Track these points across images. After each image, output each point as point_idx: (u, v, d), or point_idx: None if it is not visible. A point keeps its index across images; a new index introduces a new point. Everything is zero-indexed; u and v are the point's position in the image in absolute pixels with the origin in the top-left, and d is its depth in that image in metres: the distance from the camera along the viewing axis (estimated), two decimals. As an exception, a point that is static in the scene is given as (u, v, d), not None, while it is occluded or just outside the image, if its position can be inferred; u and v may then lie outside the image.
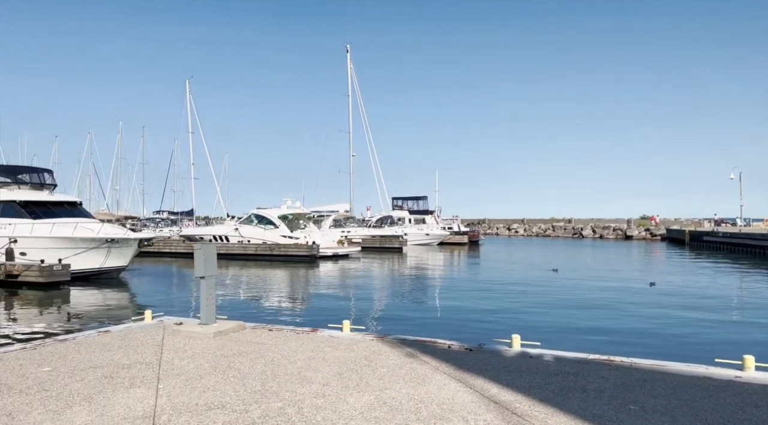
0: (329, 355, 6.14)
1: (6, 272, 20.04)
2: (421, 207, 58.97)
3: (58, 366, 5.65)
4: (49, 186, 26.03)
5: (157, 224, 56.59)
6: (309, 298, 18.04)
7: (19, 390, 4.85)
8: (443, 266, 31.25)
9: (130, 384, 5.01)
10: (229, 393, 4.77)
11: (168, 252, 37.22)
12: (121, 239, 22.20)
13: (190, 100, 45.50)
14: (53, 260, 20.68)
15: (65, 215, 23.23)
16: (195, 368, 5.59)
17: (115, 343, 6.76)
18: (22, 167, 27.46)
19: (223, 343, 6.76)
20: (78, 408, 4.37)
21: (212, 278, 7.55)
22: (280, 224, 36.17)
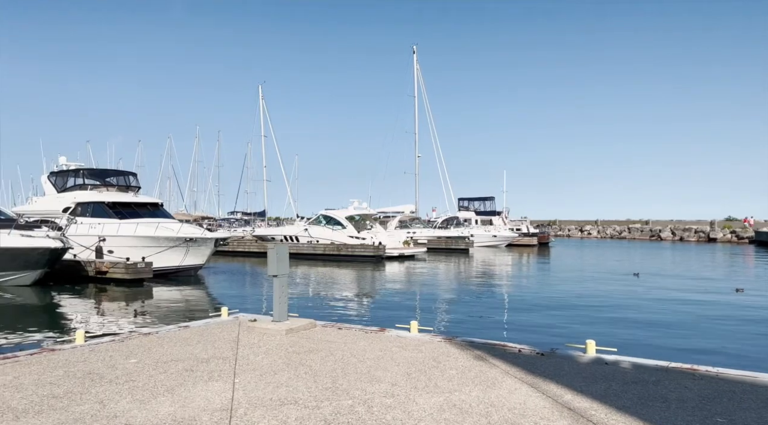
0: (398, 355, 6.17)
1: (96, 269, 21.49)
2: (488, 208, 58.06)
3: (144, 359, 5.99)
4: (134, 188, 27.70)
5: (231, 224, 58.87)
6: (375, 298, 18.18)
7: (109, 379, 5.18)
8: (511, 268, 30.62)
9: (208, 378, 5.24)
10: (301, 389, 4.89)
11: (241, 251, 38.67)
12: (199, 239, 23.27)
13: (263, 105, 47.03)
14: (137, 258, 21.99)
15: (148, 215, 24.63)
16: (269, 364, 5.77)
17: (194, 338, 7.09)
18: (110, 170, 29.37)
19: (294, 340, 6.94)
20: (162, 398, 4.62)
21: (284, 277, 7.77)
22: (347, 224, 36.71)
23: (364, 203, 39.80)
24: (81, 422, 4.04)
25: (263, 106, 47.03)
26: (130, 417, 4.16)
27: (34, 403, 4.46)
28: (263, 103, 47.08)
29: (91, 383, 5.05)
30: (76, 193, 26.25)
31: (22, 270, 19.30)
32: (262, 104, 47.00)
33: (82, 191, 26.40)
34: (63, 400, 4.55)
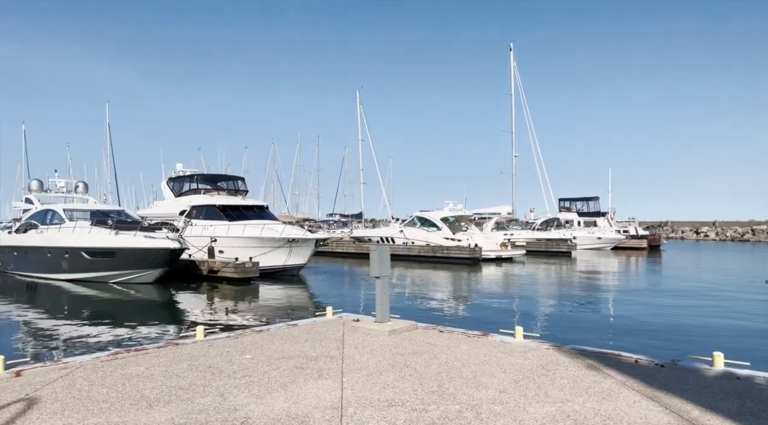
0: (503, 361, 6.02)
1: (209, 268, 23.00)
2: (592, 209, 55.31)
3: (257, 355, 6.30)
4: (242, 192, 29.39)
5: (330, 225, 60.76)
6: (473, 301, 17.93)
7: (227, 374, 5.50)
8: (619, 273, 28.97)
9: (318, 376, 5.40)
10: (408, 391, 4.90)
11: (340, 252, 39.75)
12: (301, 240, 24.20)
13: (360, 109, 48.09)
14: (245, 258, 23.27)
15: (255, 217, 25.99)
16: (374, 364, 5.84)
17: (302, 336, 7.36)
18: (220, 175, 31.35)
19: (397, 342, 6.99)
20: (276, 394, 4.82)
21: (386, 279, 7.85)
22: (442, 226, 36.55)
23: (459, 205, 39.45)
24: (205, 413, 4.31)
25: (360, 110, 48.10)
26: (248, 410, 4.37)
27: (164, 393, 4.83)
28: (360, 108, 48.16)
29: (212, 376, 5.38)
30: (191, 197, 28.29)
31: (146, 269, 21.07)
32: (360, 109, 48.09)
33: (196, 195, 28.42)
34: (188, 391, 4.88)
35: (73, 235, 22.37)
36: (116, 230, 21.56)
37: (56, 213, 24.90)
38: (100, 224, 22.61)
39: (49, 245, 23.28)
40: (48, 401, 4.59)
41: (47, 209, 25.88)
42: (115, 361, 6.02)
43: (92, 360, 6.03)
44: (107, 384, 5.10)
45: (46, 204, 27.48)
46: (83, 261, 21.70)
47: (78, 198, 30.41)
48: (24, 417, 4.19)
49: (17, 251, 25.71)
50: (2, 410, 4.36)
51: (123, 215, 26.19)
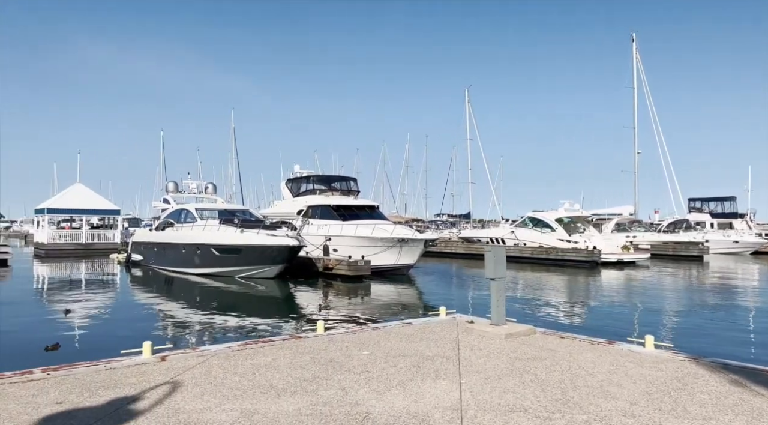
0: (633, 371, 5.63)
1: (324, 266, 23.93)
2: (727, 209, 50.27)
3: (375, 351, 6.42)
4: (354, 192, 30.26)
5: (437, 226, 60.75)
6: (593, 306, 17.00)
7: (347, 368, 5.66)
8: (761, 280, 26.05)
9: (435, 376, 5.39)
10: (529, 397, 4.73)
11: (448, 252, 39.58)
12: (411, 240, 24.41)
13: (469, 108, 47.55)
14: (357, 256, 23.91)
15: (366, 217, 26.64)
16: (492, 367, 5.72)
17: (417, 335, 7.40)
18: (334, 176, 32.53)
19: (515, 346, 6.79)
20: (395, 391, 4.88)
21: (502, 280, 7.67)
22: (557, 227, 35.09)
23: (576, 205, 37.63)
24: (329, 406, 4.46)
25: (469, 109, 47.57)
26: (369, 406, 4.47)
27: (290, 384, 5.07)
28: (469, 107, 47.63)
29: (333, 370, 5.57)
30: (307, 197, 29.63)
31: (268, 265, 22.37)
32: (468, 108, 47.57)
33: (312, 195, 29.71)
34: (312, 384, 5.09)
35: (204, 232, 24.32)
36: (242, 228, 23.14)
37: (189, 212, 27.22)
38: (228, 222, 24.39)
39: (184, 242, 25.51)
40: (189, 385, 5.00)
41: (182, 209, 28.38)
42: (244, 351, 6.43)
43: (225, 349, 6.49)
44: (239, 373, 5.46)
45: (180, 204, 30.14)
46: (213, 257, 23.51)
47: (207, 198, 33.03)
48: (171, 398, 4.60)
49: (156, 247, 28.45)
50: (153, 390, 4.82)
51: (247, 214, 28.05)
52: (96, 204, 44.11)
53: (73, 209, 43.08)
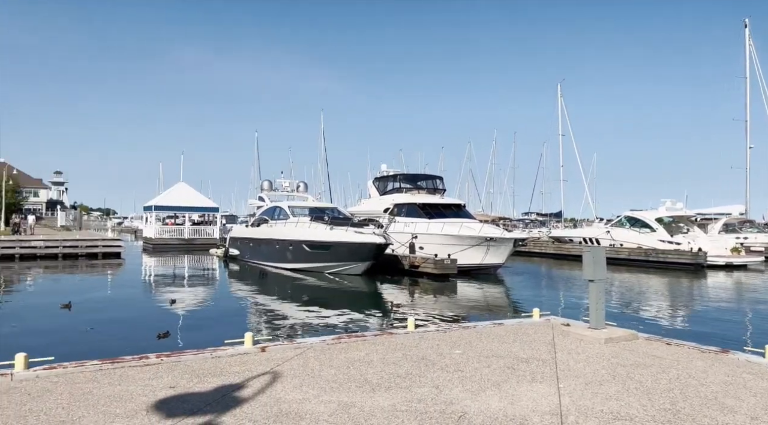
0: (752, 383, 5.17)
1: (410, 263, 24.03)
2: None
3: (467, 351, 6.35)
4: (441, 191, 30.13)
5: (526, 225, 59.13)
6: (700, 312, 15.83)
7: (440, 366, 5.64)
8: None
9: (531, 379, 5.24)
10: (635, 405, 4.48)
11: (537, 252, 38.41)
12: (499, 239, 23.92)
13: (562, 103, 45.78)
14: (443, 254, 23.79)
15: (452, 215, 26.45)
16: (592, 372, 5.48)
17: (509, 336, 7.23)
18: (420, 174, 32.57)
19: (616, 351, 6.46)
20: (490, 392, 4.79)
21: (602, 282, 7.32)
22: (657, 227, 33.01)
23: (678, 203, 35.18)
24: (423, 403, 4.46)
25: (561, 104, 45.80)
26: (464, 405, 4.42)
27: (384, 379, 5.13)
28: (561, 102, 45.85)
29: (425, 368, 5.57)
30: (394, 195, 29.87)
31: (356, 261, 22.80)
32: (561, 102, 45.81)
33: (398, 193, 29.92)
34: (405, 380, 5.11)
35: (296, 229, 25.21)
36: (331, 225, 23.75)
37: (282, 210, 28.33)
38: (318, 220, 25.12)
39: (277, 238, 26.58)
40: (288, 376, 5.19)
41: (275, 206, 29.59)
42: (338, 345, 6.58)
43: (320, 342, 6.68)
44: (334, 366, 5.59)
45: (274, 202, 31.42)
46: (304, 253, 24.32)
47: (299, 196, 34.21)
48: (272, 388, 4.79)
49: (252, 243, 29.85)
50: (255, 379, 5.06)
51: (336, 212, 28.75)
52: (197, 202, 47.08)
53: (176, 206, 46.22)
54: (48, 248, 29.40)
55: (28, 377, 4.98)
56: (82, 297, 15.82)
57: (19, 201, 69.11)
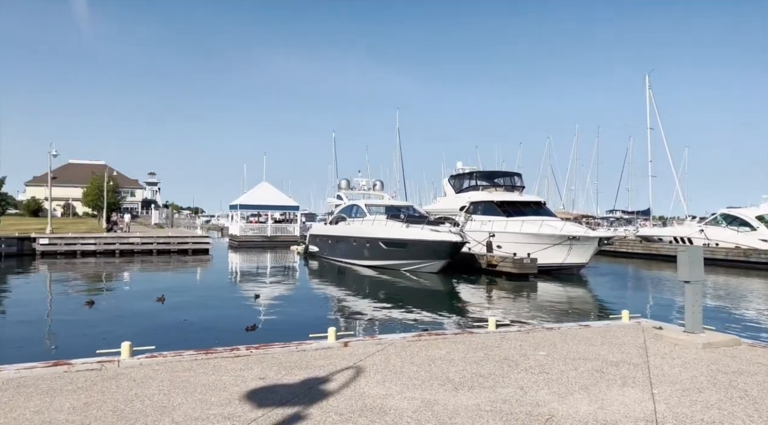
0: None
1: (487, 262, 23.64)
2: None
3: (551, 352, 6.16)
4: (519, 188, 29.41)
5: (611, 223, 56.52)
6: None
7: (524, 367, 5.51)
8: None
9: (622, 383, 5.01)
10: (739, 415, 4.17)
11: (624, 252, 36.62)
12: (582, 237, 23.02)
13: (650, 95, 43.25)
14: (522, 253, 23.22)
15: (532, 213, 25.74)
16: (689, 379, 5.15)
17: (596, 339, 6.95)
18: (497, 171, 31.96)
19: (715, 357, 6.04)
20: (578, 395, 4.62)
21: (698, 284, 6.87)
22: (758, 225, 30.52)
23: (782, 200, 32.36)
24: (508, 404, 4.38)
25: (650, 96, 43.26)
26: (551, 408, 4.29)
27: (466, 378, 5.08)
28: (650, 94, 43.31)
29: (508, 368, 5.46)
30: (470, 193, 29.50)
31: (432, 259, 22.75)
32: (649, 94, 43.27)
33: (475, 191, 29.51)
34: (489, 380, 5.04)
35: (373, 227, 25.51)
36: (407, 223, 23.83)
37: (360, 208, 28.76)
38: (394, 218, 25.28)
39: (354, 235, 27.02)
40: (371, 371, 5.26)
41: (353, 204, 30.08)
42: (419, 342, 6.59)
43: (400, 339, 6.72)
44: (416, 363, 5.61)
45: (351, 200, 31.95)
46: (380, 250, 24.56)
47: (375, 195, 34.58)
48: (356, 382, 4.88)
49: (330, 240, 30.54)
50: (339, 373, 5.17)
51: (411, 210, 28.81)
52: (279, 201, 48.79)
53: (259, 205, 48.13)
54: (144, 244, 31.52)
55: (133, 364, 5.37)
56: (174, 291, 16.83)
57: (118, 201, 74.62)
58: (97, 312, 13.41)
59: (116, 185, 75.27)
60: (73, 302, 14.89)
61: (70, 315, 12.99)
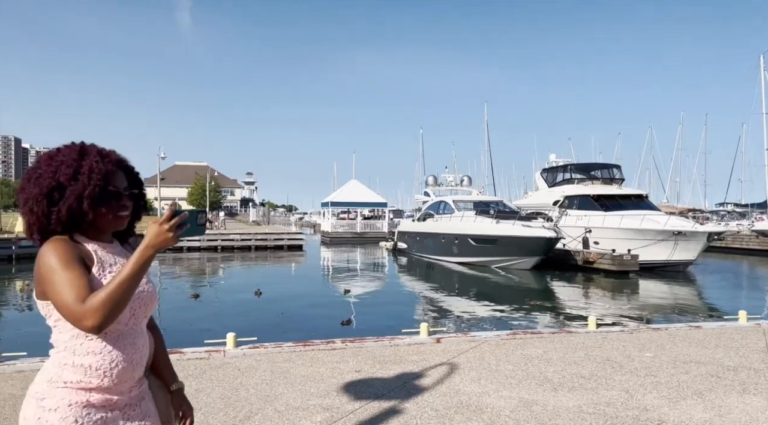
0: None
1: (584, 259, 22.66)
2: None
3: (659, 354, 5.78)
4: (618, 180, 27.90)
5: (721, 217, 52.24)
6: None
7: (628, 369, 5.21)
8: None
9: (742, 390, 4.59)
10: None
11: (737, 248, 33.77)
12: (689, 232, 21.45)
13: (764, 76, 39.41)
14: (622, 250, 22.00)
15: (632, 207, 24.30)
16: (823, 389, 4.63)
17: (709, 341, 6.43)
18: (594, 164, 30.49)
19: None
20: (691, 401, 4.30)
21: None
22: None
23: None
24: (612, 407, 4.16)
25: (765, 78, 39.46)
26: (661, 413, 4.02)
27: (566, 379, 4.88)
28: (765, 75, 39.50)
29: (612, 370, 5.18)
30: (564, 187, 28.39)
31: (524, 256, 22.14)
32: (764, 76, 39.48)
33: (569, 185, 28.36)
34: (590, 381, 4.81)
35: (461, 223, 25.26)
36: (497, 219, 23.36)
37: (447, 204, 28.58)
38: (483, 213, 24.88)
39: (442, 232, 26.90)
40: (465, 368, 5.20)
41: (440, 201, 29.96)
42: (513, 340, 6.43)
43: (494, 337, 6.59)
44: (511, 361, 5.47)
45: (439, 196, 31.84)
46: (469, 247, 24.27)
47: (462, 190, 34.23)
48: (450, 379, 4.84)
49: (418, 236, 30.60)
50: (433, 369, 5.16)
51: (501, 206, 28.22)
52: (368, 198, 49.63)
53: (350, 202, 49.23)
54: (243, 241, 33.26)
55: (237, 354, 5.66)
56: (271, 285, 17.61)
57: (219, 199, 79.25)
58: (201, 304, 14.32)
59: (217, 184, 79.92)
60: (181, 295, 16.01)
61: (178, 306, 13.98)
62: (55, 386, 1.43)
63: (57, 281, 1.34)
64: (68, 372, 1.44)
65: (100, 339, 1.45)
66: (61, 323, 1.43)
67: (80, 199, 1.44)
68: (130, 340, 1.51)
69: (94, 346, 1.44)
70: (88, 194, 1.44)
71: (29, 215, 1.47)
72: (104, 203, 1.48)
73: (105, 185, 1.48)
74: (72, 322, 1.34)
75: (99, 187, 1.46)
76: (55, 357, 1.47)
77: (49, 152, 1.53)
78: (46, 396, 1.43)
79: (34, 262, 1.41)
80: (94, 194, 1.45)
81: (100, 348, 1.45)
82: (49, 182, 1.44)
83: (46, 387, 1.44)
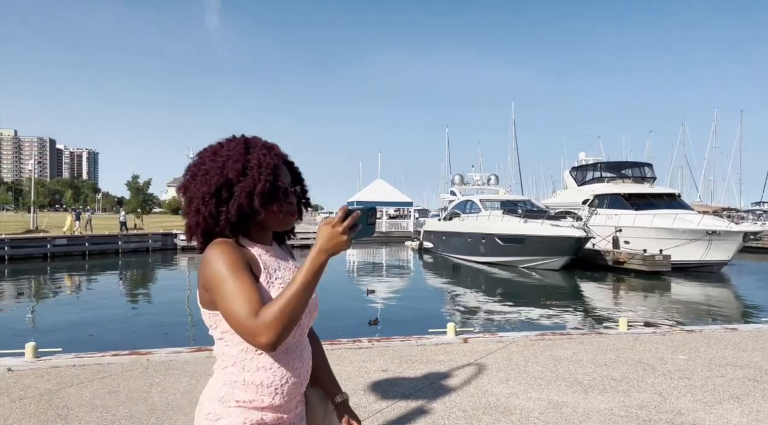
0: None
1: (614, 259, 22.26)
2: None
3: (693, 357, 5.64)
4: (649, 179, 27.33)
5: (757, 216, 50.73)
6: None
7: (661, 372, 5.08)
8: None
9: (782, 395, 4.45)
10: None
11: (775, 248, 32.73)
12: (724, 232, 20.88)
13: (802, 69, 38.05)
14: (654, 249, 21.54)
15: (664, 206, 23.79)
16: None
17: (746, 344, 6.25)
18: (624, 162, 29.94)
19: None
20: (728, 405, 4.18)
21: None
22: None
23: None
24: (645, 410, 4.06)
25: (804, 71, 38.07)
26: (696, 417, 3.92)
27: (596, 381, 4.79)
28: (804, 68, 38.13)
29: (644, 372, 5.07)
30: (594, 186, 27.93)
31: (553, 256, 21.84)
32: (803, 69, 38.11)
33: (599, 183, 27.89)
34: (622, 383, 4.71)
35: (488, 222, 25.04)
36: (525, 218, 23.10)
37: (474, 203, 28.38)
38: (510, 213, 24.63)
39: (469, 231, 26.71)
40: (493, 369, 5.15)
41: (467, 200, 29.77)
42: (542, 341, 6.34)
43: (522, 338, 6.51)
44: (540, 363, 5.40)
45: (465, 196, 31.64)
46: (496, 246, 24.05)
47: (489, 189, 33.96)
48: (477, 379, 4.80)
49: (444, 236, 30.46)
50: (460, 369, 5.12)
51: (529, 205, 27.89)
52: (393, 197, 49.60)
53: (375, 201, 49.23)
54: (270, 240, 33.56)
55: (265, 351, 5.70)
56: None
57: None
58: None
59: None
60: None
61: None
62: (227, 406, 1.32)
63: (227, 291, 1.22)
64: (239, 390, 1.32)
65: (269, 353, 1.32)
66: (228, 335, 1.31)
67: (251, 196, 1.31)
68: (298, 353, 1.39)
69: (264, 361, 1.32)
70: (259, 191, 1.31)
71: (195, 215, 1.34)
72: (275, 200, 1.35)
73: (275, 181, 1.35)
74: (244, 338, 1.21)
75: (269, 182, 1.33)
76: (223, 374, 1.35)
77: (211, 147, 1.39)
78: (221, 417, 1.32)
79: (199, 266, 1.31)
80: (265, 190, 1.32)
81: (270, 364, 1.33)
82: (218, 179, 1.31)
83: (219, 406, 1.33)
